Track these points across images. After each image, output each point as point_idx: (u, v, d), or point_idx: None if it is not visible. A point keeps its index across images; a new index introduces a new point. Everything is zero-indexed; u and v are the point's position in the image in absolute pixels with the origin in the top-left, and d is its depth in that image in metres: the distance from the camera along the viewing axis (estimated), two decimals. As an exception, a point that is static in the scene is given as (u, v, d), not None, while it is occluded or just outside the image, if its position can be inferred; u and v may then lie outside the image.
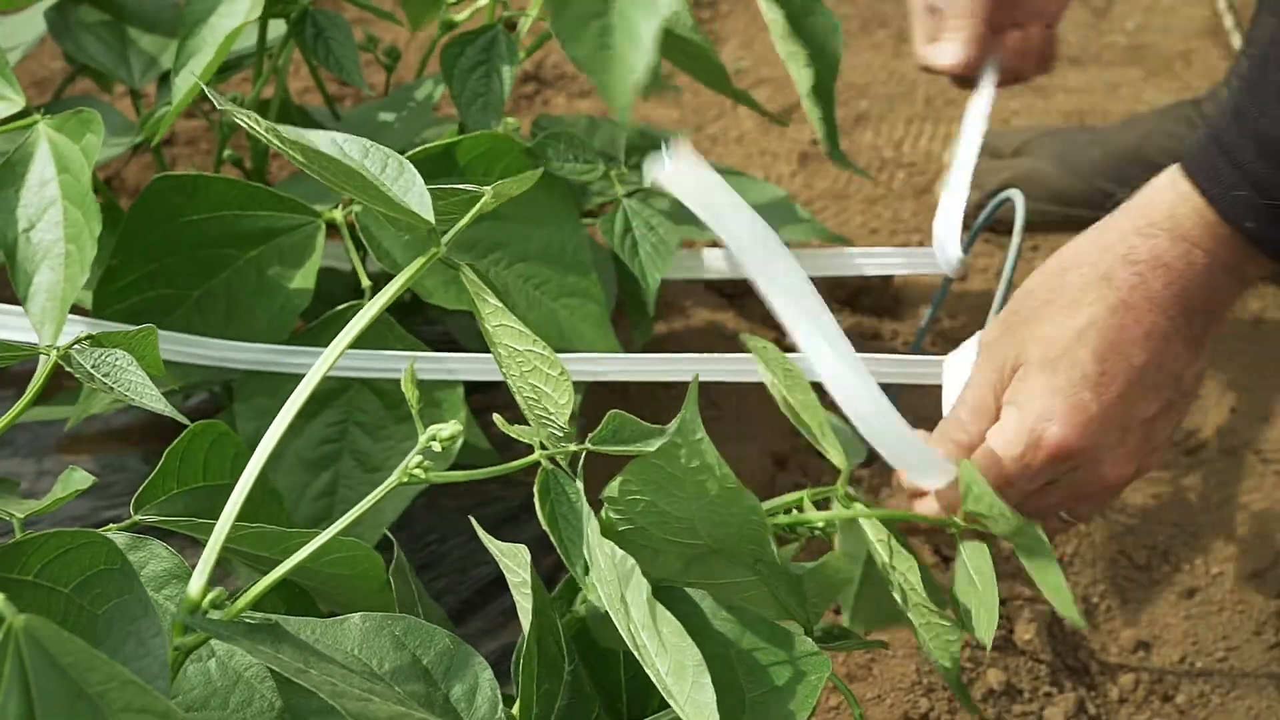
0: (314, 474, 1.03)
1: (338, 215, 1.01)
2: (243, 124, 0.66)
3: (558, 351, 0.69)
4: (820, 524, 0.76)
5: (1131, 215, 0.86)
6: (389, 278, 1.05)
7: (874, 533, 0.75)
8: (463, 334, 1.17)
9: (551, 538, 0.65)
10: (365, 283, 1.00)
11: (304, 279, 1.01)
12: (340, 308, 0.99)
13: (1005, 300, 0.95)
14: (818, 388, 0.78)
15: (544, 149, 1.06)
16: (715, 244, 1.22)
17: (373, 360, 1.00)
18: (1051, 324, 0.84)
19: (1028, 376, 0.84)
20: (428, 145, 0.98)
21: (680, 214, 1.14)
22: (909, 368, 1.05)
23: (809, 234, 1.18)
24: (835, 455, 0.76)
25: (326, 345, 0.98)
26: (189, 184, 0.99)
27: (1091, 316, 0.83)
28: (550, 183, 1.05)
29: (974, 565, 0.76)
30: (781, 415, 0.83)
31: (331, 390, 1.03)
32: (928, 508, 0.84)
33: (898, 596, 0.77)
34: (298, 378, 0.99)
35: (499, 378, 0.73)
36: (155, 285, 0.99)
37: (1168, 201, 0.84)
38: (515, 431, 0.70)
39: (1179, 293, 0.84)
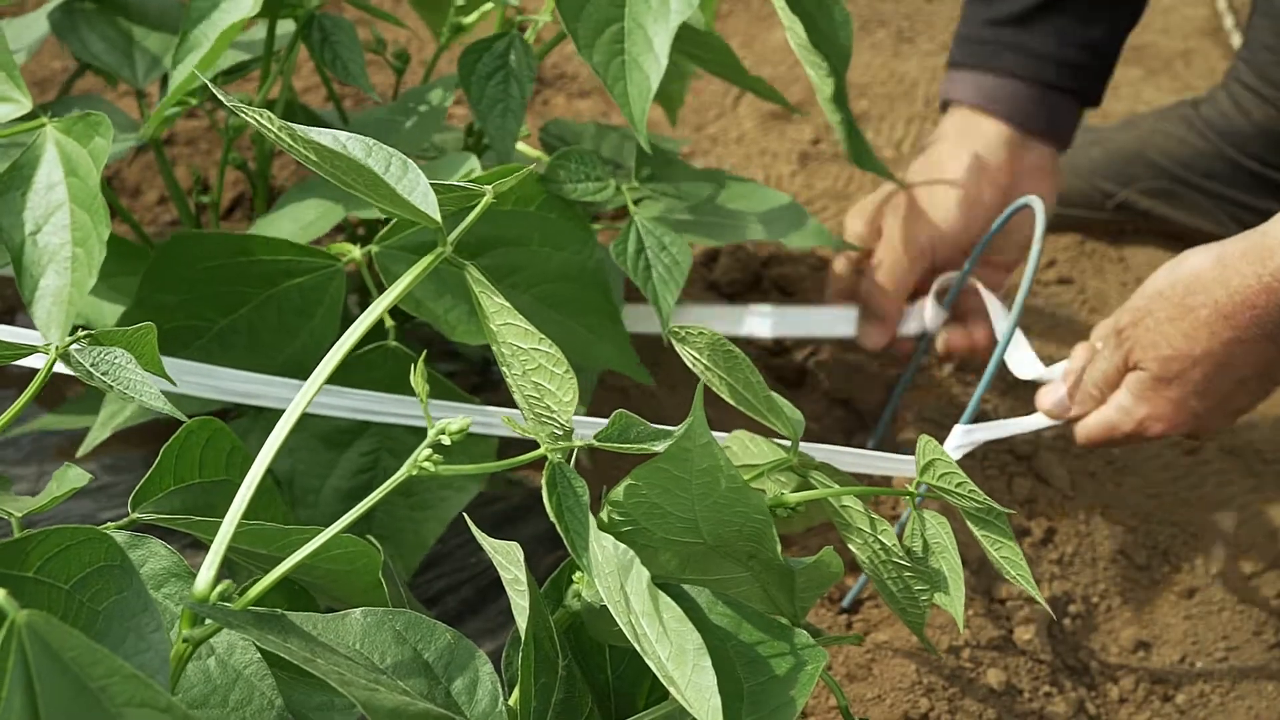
0: (349, 505, 1.04)
1: (358, 255, 1.02)
2: (254, 123, 0.66)
3: (577, 368, 0.69)
4: (795, 504, 0.77)
5: (1251, 259, 0.97)
6: (411, 317, 1.05)
7: (850, 503, 0.78)
8: None
9: (559, 528, 0.65)
10: (389, 322, 1.02)
11: (326, 319, 1.02)
12: (362, 350, 1.00)
13: (1022, 308, 1.03)
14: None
15: (556, 172, 1.07)
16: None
17: (392, 405, 1.01)
18: (1172, 347, 1.01)
19: (1147, 379, 1.04)
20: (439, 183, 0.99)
21: (688, 223, 1.14)
22: (876, 462, 1.07)
23: (817, 241, 1.17)
24: (783, 426, 0.78)
25: (347, 383, 0.99)
26: (208, 239, 1.01)
27: (1209, 348, 0.99)
28: (566, 206, 1.06)
29: (932, 536, 0.80)
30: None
31: (361, 421, 1.04)
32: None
33: (864, 555, 0.79)
34: (314, 416, 1.00)
35: (520, 434, 0.73)
36: (177, 317, 1.00)
37: None
38: (521, 430, 0.70)
39: None
